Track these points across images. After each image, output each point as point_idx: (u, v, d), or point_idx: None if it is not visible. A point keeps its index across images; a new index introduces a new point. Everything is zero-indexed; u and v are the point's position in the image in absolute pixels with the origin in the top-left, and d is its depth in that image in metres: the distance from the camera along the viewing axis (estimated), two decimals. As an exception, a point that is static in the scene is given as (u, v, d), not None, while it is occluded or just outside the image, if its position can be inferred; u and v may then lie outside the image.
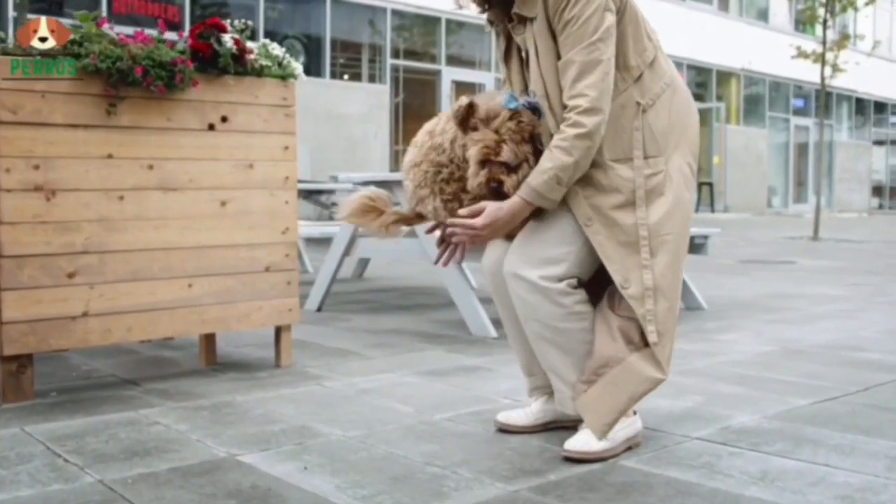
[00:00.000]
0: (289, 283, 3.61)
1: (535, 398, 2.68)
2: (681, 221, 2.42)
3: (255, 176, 3.49)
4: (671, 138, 2.42)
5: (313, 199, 9.00)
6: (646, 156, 2.38)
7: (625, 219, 2.37)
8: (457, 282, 4.64)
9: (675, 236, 2.40)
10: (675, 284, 2.41)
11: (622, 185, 2.37)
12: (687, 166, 2.46)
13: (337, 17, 16.60)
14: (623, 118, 2.38)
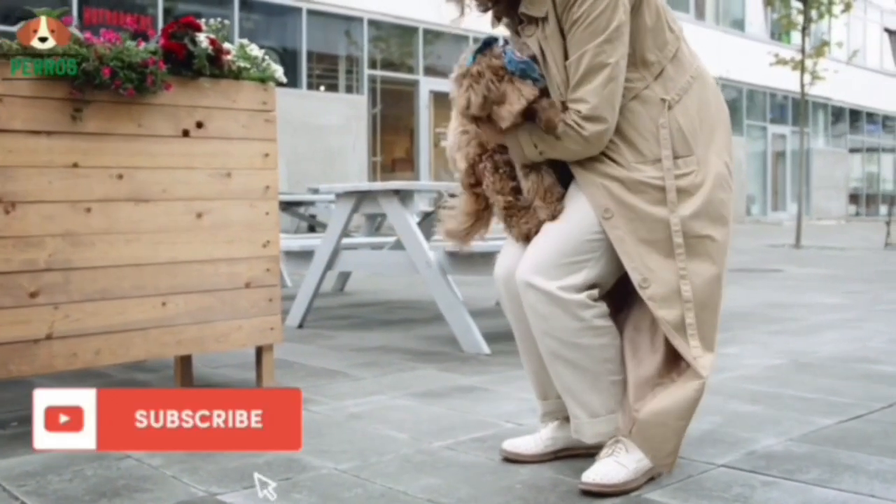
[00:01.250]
0: (270, 299, 3.36)
1: (547, 424, 2.45)
2: (719, 224, 2.20)
3: (233, 185, 3.25)
4: (702, 136, 2.21)
5: (292, 210, 8.73)
6: (676, 156, 2.17)
7: (649, 213, 2.15)
8: (446, 295, 4.41)
9: (715, 242, 2.19)
10: (718, 295, 2.21)
11: (649, 183, 2.16)
12: (724, 166, 2.24)
13: (313, 27, 16.37)
14: (646, 118, 2.17)
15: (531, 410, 2.94)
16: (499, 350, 4.23)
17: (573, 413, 2.28)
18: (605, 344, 2.20)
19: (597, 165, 2.18)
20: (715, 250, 2.19)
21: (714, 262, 2.19)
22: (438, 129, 18.48)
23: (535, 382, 2.46)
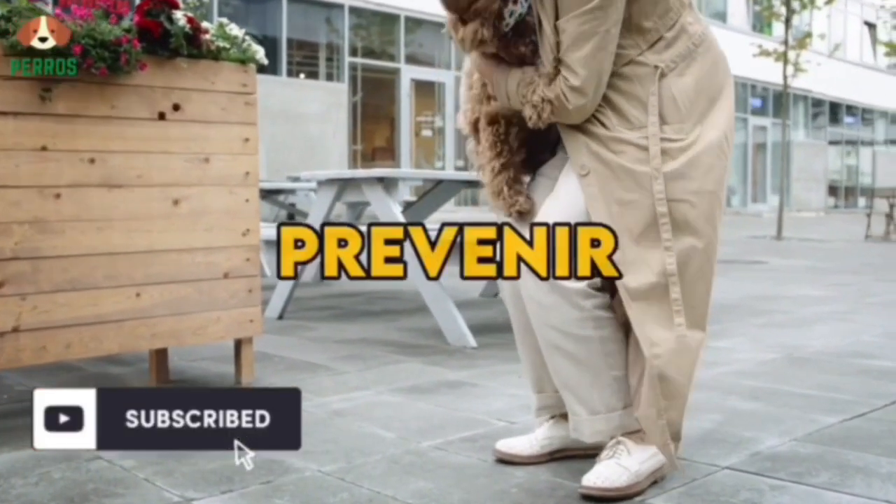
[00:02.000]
0: (250, 290, 3.23)
1: (542, 420, 2.33)
2: (702, 191, 2.04)
3: (211, 171, 3.10)
4: (698, 106, 2.07)
5: (271, 199, 8.56)
6: (664, 122, 2.04)
7: (627, 170, 2.02)
8: (431, 287, 4.28)
9: (695, 209, 2.03)
10: (701, 270, 2.07)
11: (632, 142, 2.03)
12: (721, 135, 2.09)
13: (293, 14, 16.17)
14: (636, 86, 2.04)
15: (523, 407, 2.83)
16: (485, 343, 4.11)
17: (572, 410, 2.16)
18: (607, 336, 2.07)
19: (581, 123, 2.07)
20: (695, 217, 2.03)
21: (695, 233, 2.03)
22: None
23: (532, 375, 2.33)
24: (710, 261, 2.07)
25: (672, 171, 2.01)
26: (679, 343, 2.03)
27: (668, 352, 2.03)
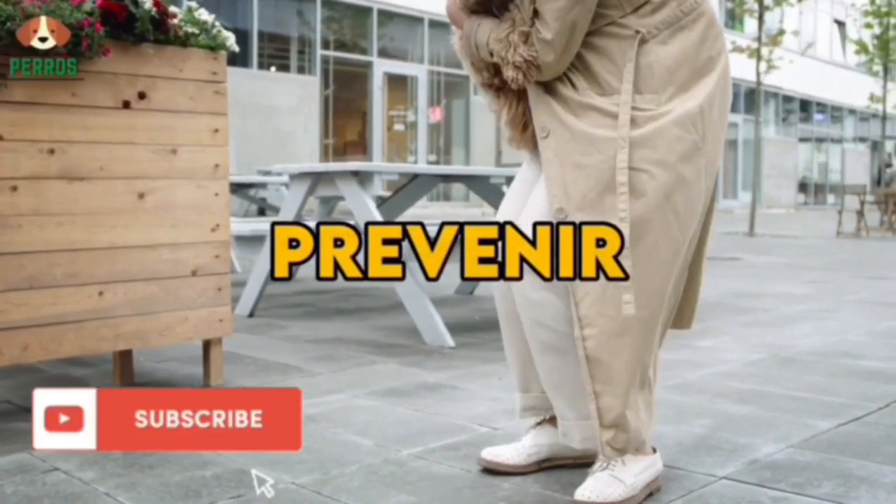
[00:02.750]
0: (220, 289, 3.08)
1: (528, 426, 2.21)
2: (663, 162, 1.88)
3: (179, 163, 2.95)
4: (678, 76, 1.92)
5: (241, 193, 8.39)
6: (637, 91, 1.90)
7: (587, 134, 1.89)
8: (407, 284, 4.15)
9: (654, 181, 1.88)
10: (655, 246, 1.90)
11: (598, 108, 1.90)
12: (698, 113, 1.91)
13: (264, 6, 15.95)
14: (614, 49, 1.91)
15: (506, 412, 2.71)
16: (463, 342, 3.99)
17: (561, 415, 2.04)
18: None
19: (550, 81, 1.95)
20: (653, 189, 1.87)
21: (649, 205, 1.87)
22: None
23: (518, 373, 2.20)
24: (667, 239, 1.90)
25: (635, 137, 1.87)
26: (621, 324, 1.88)
27: (602, 333, 1.89)
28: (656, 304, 1.93)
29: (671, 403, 2.79)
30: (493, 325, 4.61)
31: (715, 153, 1.98)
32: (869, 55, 25.31)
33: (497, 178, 5.44)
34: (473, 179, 5.55)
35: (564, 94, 1.93)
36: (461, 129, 19.92)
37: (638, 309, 1.88)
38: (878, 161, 27.05)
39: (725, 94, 2.01)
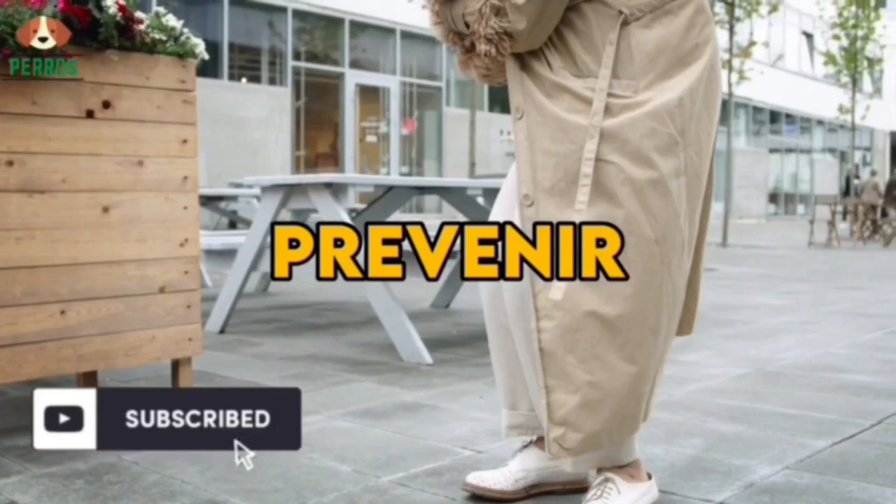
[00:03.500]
0: (189, 306, 2.95)
1: (513, 445, 2.10)
2: (637, 157, 1.76)
3: (146, 175, 2.83)
4: (658, 63, 1.81)
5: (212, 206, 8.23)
6: (614, 76, 1.79)
7: (559, 119, 1.79)
8: (383, 299, 4.03)
9: (623, 174, 1.76)
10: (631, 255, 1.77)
11: (572, 90, 1.80)
12: (676, 106, 1.79)
13: (235, 16, 15.80)
14: (594, 28, 1.80)
15: (489, 433, 2.60)
16: (441, 359, 3.88)
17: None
18: None
19: (525, 56, 1.85)
20: (620, 184, 1.76)
21: (613, 201, 1.76)
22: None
23: (506, 387, 2.08)
24: (635, 237, 1.76)
25: (606, 127, 1.76)
26: (578, 319, 1.77)
27: (558, 327, 1.78)
28: (625, 307, 1.79)
29: (660, 422, 2.69)
30: (471, 340, 4.54)
31: (698, 149, 1.85)
32: (837, 66, 25.55)
33: (473, 189, 5.34)
34: (449, 191, 5.44)
35: (539, 73, 1.83)
36: (434, 140, 19.85)
37: (598, 305, 1.77)
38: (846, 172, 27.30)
39: (711, 87, 1.88)
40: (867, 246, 15.91)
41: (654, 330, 1.84)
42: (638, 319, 1.81)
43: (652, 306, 1.82)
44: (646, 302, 1.81)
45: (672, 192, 1.79)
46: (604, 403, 1.81)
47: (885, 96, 35.09)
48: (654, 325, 1.84)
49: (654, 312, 1.83)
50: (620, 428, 1.85)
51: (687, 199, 1.84)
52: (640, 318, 1.81)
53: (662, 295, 1.84)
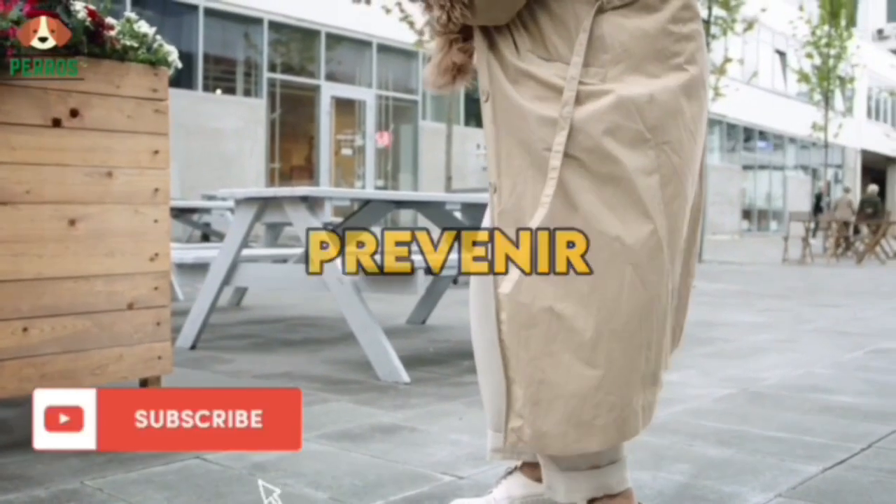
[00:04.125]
0: (159, 323, 2.84)
1: (496, 468, 2.01)
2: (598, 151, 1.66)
3: (115, 187, 2.72)
4: (633, 55, 1.69)
5: (184, 218, 8.10)
6: (585, 63, 1.68)
7: (522, 112, 1.70)
8: (360, 316, 3.93)
9: (581, 167, 1.66)
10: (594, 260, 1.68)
11: (537, 77, 1.70)
12: (647, 102, 1.68)
13: (210, 27, 15.68)
14: (569, 11, 1.70)
15: (470, 458, 2.51)
16: (418, 378, 3.78)
17: (545, 464, 1.82)
18: None
19: (495, 35, 1.75)
20: (580, 178, 1.66)
21: (572, 201, 1.66)
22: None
23: (492, 409, 1.96)
24: (594, 233, 1.66)
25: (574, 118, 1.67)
26: (531, 315, 1.69)
27: (512, 319, 1.70)
28: (582, 305, 1.67)
29: (645, 446, 2.61)
30: (448, 357, 4.44)
31: (678, 148, 1.71)
32: (810, 84, 25.79)
33: (452, 204, 5.26)
34: (427, 206, 5.36)
35: (505, 56, 1.73)
36: (409, 153, 19.79)
37: (554, 301, 1.67)
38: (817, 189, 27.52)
39: (696, 88, 1.75)
40: (840, 263, 15.99)
41: (621, 334, 1.70)
42: (597, 320, 1.69)
43: (614, 307, 1.69)
44: (605, 302, 1.69)
45: (639, 189, 1.68)
46: (554, 405, 1.69)
47: (856, 115, 35.46)
48: (621, 329, 1.70)
49: (618, 315, 1.69)
50: (579, 436, 1.71)
51: (664, 199, 1.71)
52: (601, 319, 1.69)
53: (630, 297, 1.70)
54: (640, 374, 1.74)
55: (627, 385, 1.72)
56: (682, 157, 1.73)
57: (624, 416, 1.73)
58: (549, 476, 1.83)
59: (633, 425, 1.76)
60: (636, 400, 1.75)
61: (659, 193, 1.70)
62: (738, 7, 16.28)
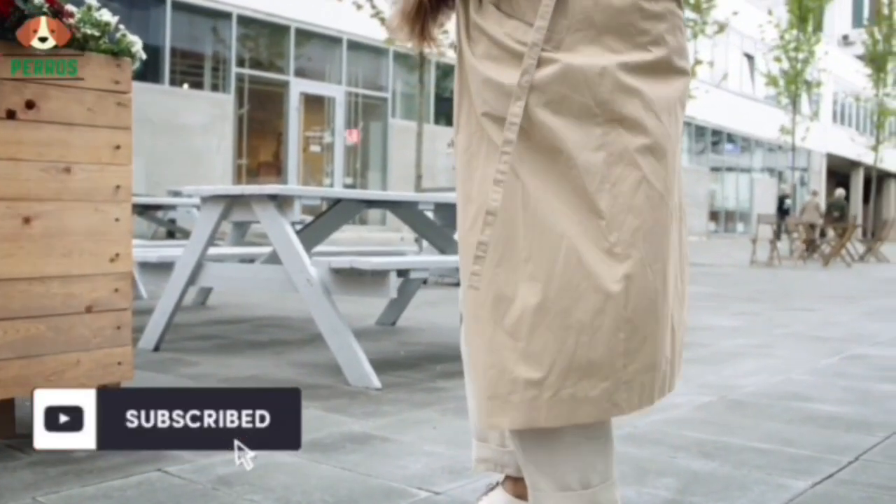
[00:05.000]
0: (119, 327, 2.70)
1: (475, 481, 1.90)
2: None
3: (73, 184, 2.58)
4: (596, 22, 1.55)
5: (149, 215, 7.92)
6: (551, 28, 1.55)
7: (475, 73, 1.59)
8: (329, 318, 3.81)
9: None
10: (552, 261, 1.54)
11: (491, 36, 1.58)
12: (599, 68, 1.54)
13: (178, 21, 15.44)
14: None
15: (446, 470, 2.40)
16: (389, 383, 3.66)
17: (533, 483, 1.69)
18: None
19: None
20: (523, 151, 1.55)
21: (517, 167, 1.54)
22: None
23: (476, 417, 1.85)
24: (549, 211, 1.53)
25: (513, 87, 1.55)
26: (475, 307, 1.57)
27: (466, 310, 1.60)
28: (526, 284, 1.54)
29: (627, 458, 2.52)
30: (420, 361, 4.33)
31: (632, 127, 1.55)
32: (778, 88, 25.97)
33: (424, 204, 5.14)
34: (399, 205, 5.24)
35: (469, 9, 1.61)
36: (378, 151, 19.64)
37: (503, 286, 1.54)
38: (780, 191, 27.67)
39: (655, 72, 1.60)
40: (807, 265, 16.08)
41: (549, 310, 1.54)
42: (528, 292, 1.55)
43: (547, 281, 1.54)
44: (538, 275, 1.54)
45: (579, 165, 1.54)
46: (477, 375, 1.59)
47: (822, 119, 35.79)
48: (550, 306, 1.54)
49: (550, 289, 1.54)
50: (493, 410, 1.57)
51: (609, 179, 1.55)
52: (530, 292, 1.55)
53: (564, 273, 1.54)
54: (567, 357, 1.55)
55: (551, 367, 1.55)
56: (641, 138, 1.57)
57: (544, 399, 1.56)
58: (537, 497, 1.72)
59: (550, 413, 1.57)
60: (564, 386, 1.56)
61: (602, 171, 1.56)
62: (709, 10, 16.31)
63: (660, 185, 1.60)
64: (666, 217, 1.62)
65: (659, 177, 1.60)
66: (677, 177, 1.69)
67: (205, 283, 4.62)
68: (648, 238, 1.60)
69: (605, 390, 1.56)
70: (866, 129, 38.23)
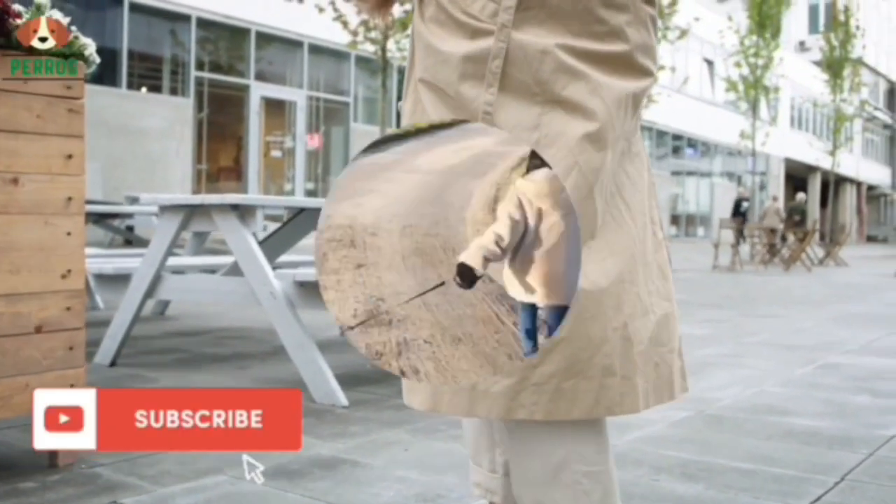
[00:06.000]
0: (71, 347, 2.55)
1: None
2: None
3: (21, 195, 2.42)
4: (553, 1, 1.45)
5: (105, 223, 7.70)
6: (497, 2, 1.45)
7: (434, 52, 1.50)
8: (293, 332, 3.67)
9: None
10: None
11: (453, 19, 1.48)
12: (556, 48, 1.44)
13: (135, 23, 15.18)
14: None
15: (420, 499, 2.29)
16: (356, 399, 3.54)
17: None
18: None
19: None
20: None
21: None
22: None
23: (471, 441, 1.78)
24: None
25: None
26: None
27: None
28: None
29: (608, 482, 2.41)
30: (386, 376, 4.20)
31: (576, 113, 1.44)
32: (738, 94, 26.19)
33: (390, 212, 5.00)
34: (364, 213, 5.10)
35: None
36: (340, 156, 19.47)
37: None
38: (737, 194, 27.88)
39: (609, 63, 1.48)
40: (769, 270, 16.17)
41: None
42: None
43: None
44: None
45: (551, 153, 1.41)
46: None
47: (780, 124, 36.18)
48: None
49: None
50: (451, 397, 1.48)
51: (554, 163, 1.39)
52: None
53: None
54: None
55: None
56: (583, 123, 1.46)
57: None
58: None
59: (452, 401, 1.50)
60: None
61: (545, 154, 1.45)
62: (671, 16, 16.37)
63: (591, 177, 1.46)
64: (592, 212, 1.48)
65: (593, 167, 1.47)
66: (629, 176, 1.56)
67: (164, 295, 4.46)
68: (634, 265, 1.52)
69: (509, 388, 1.45)
70: (823, 134, 38.71)
